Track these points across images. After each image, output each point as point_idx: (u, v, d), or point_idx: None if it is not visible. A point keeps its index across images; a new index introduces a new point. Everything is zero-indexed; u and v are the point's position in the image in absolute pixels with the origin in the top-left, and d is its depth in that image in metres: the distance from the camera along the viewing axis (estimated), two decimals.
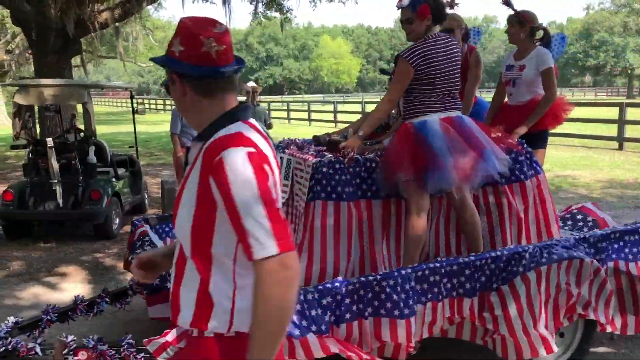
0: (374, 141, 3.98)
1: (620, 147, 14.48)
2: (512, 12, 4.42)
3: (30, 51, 16.34)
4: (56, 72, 10.74)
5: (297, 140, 4.15)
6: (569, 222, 4.27)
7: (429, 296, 2.84)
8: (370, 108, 27.96)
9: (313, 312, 2.51)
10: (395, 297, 2.69)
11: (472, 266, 2.94)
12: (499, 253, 3.02)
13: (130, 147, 8.60)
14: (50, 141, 6.13)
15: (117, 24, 14.59)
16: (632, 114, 15.88)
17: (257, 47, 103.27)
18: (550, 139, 16.40)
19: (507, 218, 3.65)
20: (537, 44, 4.37)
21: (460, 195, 3.41)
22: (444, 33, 3.52)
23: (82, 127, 7.33)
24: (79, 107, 7.55)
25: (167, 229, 4.35)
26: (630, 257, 3.34)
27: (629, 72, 59.73)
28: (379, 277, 2.71)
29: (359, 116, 23.76)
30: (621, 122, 14.57)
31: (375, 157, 3.45)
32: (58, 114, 8.38)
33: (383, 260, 3.46)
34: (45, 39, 11.01)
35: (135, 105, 7.97)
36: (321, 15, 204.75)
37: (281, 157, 3.66)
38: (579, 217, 4.26)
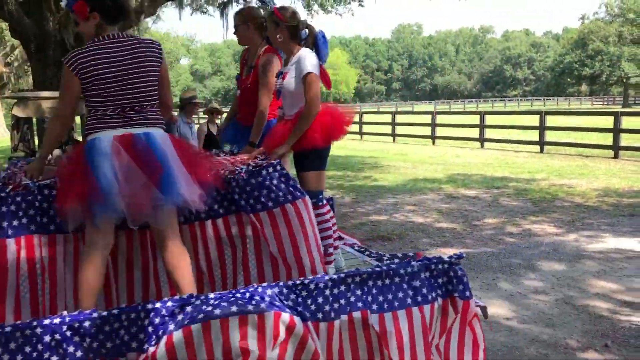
0: None
1: (616, 156, 14.55)
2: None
3: (29, 64, 16.42)
4: (55, 84, 10.81)
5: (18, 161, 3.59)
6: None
7: None
8: (368, 118, 28.13)
9: None
10: None
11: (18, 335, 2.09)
12: (94, 315, 2.21)
13: None
14: None
15: None
16: (627, 123, 15.98)
17: None
18: (547, 147, 16.55)
19: (252, 253, 3.17)
20: (303, 45, 3.71)
21: (159, 230, 2.85)
22: (130, 34, 2.95)
23: (79, 138, 7.38)
24: (77, 119, 7.61)
25: None
26: (374, 307, 2.59)
27: (625, 81, 60.01)
28: None
29: (357, 126, 23.78)
30: (616, 130, 14.66)
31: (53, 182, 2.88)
32: None
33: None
34: (44, 52, 11.08)
35: None
36: (318, 27, 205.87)
37: None
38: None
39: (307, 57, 3.52)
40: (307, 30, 3.67)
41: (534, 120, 18.10)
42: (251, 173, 3.18)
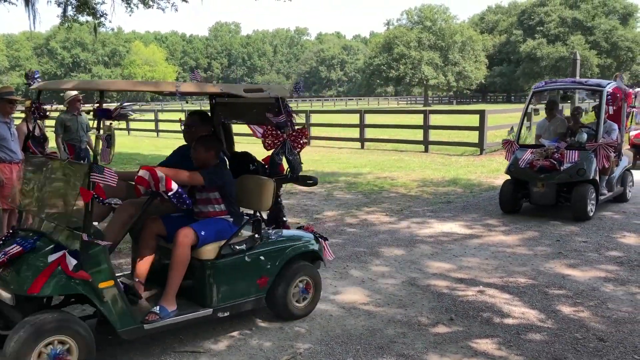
0: None
1: (426, 150, 16.15)
2: None
3: None
4: None
5: None
6: None
7: None
8: None
9: None
10: None
11: None
12: None
13: None
14: None
15: None
16: (433, 120, 17.80)
17: (61, 53, 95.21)
18: (367, 144, 17.72)
19: None
20: None
21: None
22: None
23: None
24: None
25: None
26: None
27: (425, 82, 66.73)
28: None
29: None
30: (426, 127, 16.27)
31: None
32: None
33: None
34: None
35: None
36: (132, 21, 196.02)
37: None
38: None
39: None
40: None
41: (355, 118, 19.29)
42: None
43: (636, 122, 10.78)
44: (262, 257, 4.02)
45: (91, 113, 3.42)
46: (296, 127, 4.30)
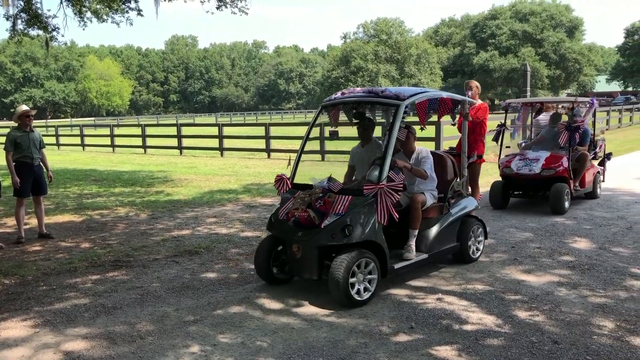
0: None
1: None
2: None
3: None
4: None
5: None
6: None
7: None
8: (150, 130, 27.13)
9: None
10: None
11: None
12: None
13: None
14: None
15: None
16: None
17: (11, 67, 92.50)
18: (327, 156, 17.71)
19: None
20: None
21: None
22: None
23: None
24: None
25: None
26: None
27: None
28: None
29: (140, 140, 23.01)
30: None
31: None
32: None
33: None
34: None
35: None
36: (86, 35, 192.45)
37: None
38: None
39: None
40: None
41: (315, 131, 19.38)
42: None
43: (506, 146, 9.28)
44: None
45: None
46: None
